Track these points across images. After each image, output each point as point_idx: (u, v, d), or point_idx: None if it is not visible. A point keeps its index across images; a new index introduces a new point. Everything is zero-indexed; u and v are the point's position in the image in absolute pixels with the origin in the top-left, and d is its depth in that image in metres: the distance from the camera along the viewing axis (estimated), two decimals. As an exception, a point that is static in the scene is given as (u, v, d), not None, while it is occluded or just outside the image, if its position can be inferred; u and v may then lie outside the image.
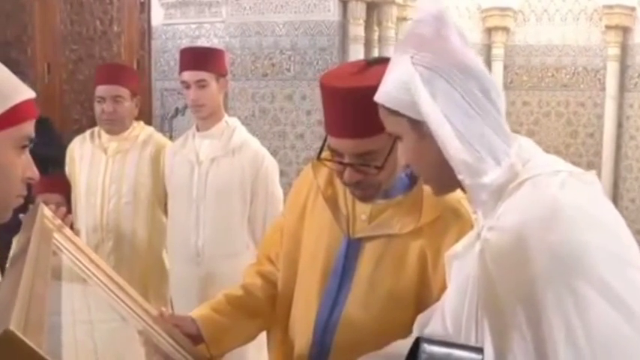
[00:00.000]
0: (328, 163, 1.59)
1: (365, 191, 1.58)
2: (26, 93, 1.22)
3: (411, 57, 1.21)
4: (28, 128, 1.22)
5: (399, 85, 1.23)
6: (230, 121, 2.99)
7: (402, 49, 1.26)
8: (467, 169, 1.18)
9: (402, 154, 1.31)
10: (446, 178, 1.25)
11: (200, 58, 2.91)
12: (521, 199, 1.16)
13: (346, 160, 1.52)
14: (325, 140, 1.56)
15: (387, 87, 1.26)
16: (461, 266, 1.29)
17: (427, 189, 1.45)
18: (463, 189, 1.27)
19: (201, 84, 2.84)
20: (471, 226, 1.41)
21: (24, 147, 1.23)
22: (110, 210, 3.10)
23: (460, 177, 1.20)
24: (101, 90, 3.06)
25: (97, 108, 3.09)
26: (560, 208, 1.11)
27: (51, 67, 5.31)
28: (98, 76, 3.16)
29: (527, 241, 1.11)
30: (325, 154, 1.59)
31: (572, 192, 1.14)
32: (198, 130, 2.97)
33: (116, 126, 3.12)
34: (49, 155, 3.00)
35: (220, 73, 2.92)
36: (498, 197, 1.19)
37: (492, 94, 1.20)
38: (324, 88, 1.54)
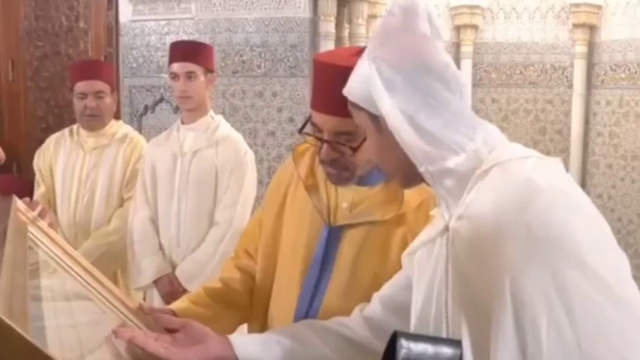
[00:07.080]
0: (308, 138, 1.61)
1: (339, 172, 1.58)
2: None
3: (372, 51, 1.20)
4: None
5: (360, 78, 1.22)
6: (215, 116, 3.03)
7: (369, 42, 1.25)
8: (427, 159, 1.16)
9: (367, 149, 1.30)
10: (409, 172, 1.22)
11: (190, 51, 2.95)
12: (491, 184, 1.13)
13: (325, 136, 1.54)
14: (309, 118, 1.58)
15: (352, 81, 1.26)
16: (423, 266, 1.27)
17: None
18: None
19: (189, 75, 2.88)
20: None
21: None
22: (83, 206, 3.08)
23: (421, 169, 1.18)
24: (82, 86, 3.06)
25: (78, 104, 3.08)
26: (536, 189, 1.07)
27: (15, 64, 5.20)
28: (76, 73, 3.15)
29: (502, 226, 1.07)
30: (307, 129, 1.60)
31: (545, 174, 1.11)
32: (183, 123, 3.00)
33: (98, 122, 3.13)
34: None
35: (209, 68, 2.96)
36: (464, 184, 1.16)
37: (452, 84, 1.18)
38: (316, 64, 1.58)
